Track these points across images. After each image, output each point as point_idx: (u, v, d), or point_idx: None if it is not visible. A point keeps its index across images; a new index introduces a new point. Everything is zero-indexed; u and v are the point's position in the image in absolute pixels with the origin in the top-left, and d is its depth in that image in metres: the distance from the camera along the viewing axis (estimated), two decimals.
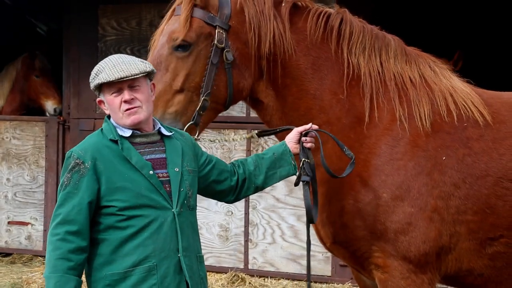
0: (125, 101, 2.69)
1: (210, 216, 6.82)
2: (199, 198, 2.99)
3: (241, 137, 3.47)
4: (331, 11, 3.29)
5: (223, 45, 3.14)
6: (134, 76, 2.68)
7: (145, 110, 2.73)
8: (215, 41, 3.13)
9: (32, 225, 7.63)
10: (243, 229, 6.80)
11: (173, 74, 3.14)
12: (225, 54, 3.14)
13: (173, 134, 2.86)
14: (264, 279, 6.66)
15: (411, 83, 3.20)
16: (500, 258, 3.06)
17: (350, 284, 6.38)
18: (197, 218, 2.88)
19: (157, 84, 3.05)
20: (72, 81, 7.47)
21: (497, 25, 9.01)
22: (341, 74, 3.21)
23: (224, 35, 3.15)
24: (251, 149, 6.72)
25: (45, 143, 7.58)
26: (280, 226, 6.73)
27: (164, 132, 2.83)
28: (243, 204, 6.77)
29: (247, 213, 6.79)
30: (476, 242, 3.04)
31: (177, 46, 3.13)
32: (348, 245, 3.16)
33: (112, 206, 2.64)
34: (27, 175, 7.66)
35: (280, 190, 6.58)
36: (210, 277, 6.63)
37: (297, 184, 3.10)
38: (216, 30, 3.14)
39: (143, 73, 2.71)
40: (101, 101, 2.79)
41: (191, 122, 3.13)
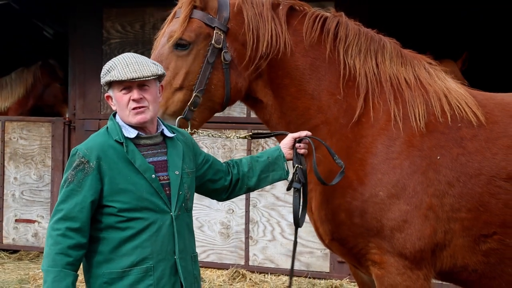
0: (134, 100, 2.72)
1: (212, 214, 6.81)
2: (201, 197, 3.03)
3: (234, 136, 3.53)
4: (328, 15, 3.33)
5: (221, 46, 3.19)
6: (146, 78, 2.70)
7: (152, 111, 2.76)
8: (213, 41, 3.18)
9: (39, 223, 7.71)
10: (244, 227, 6.84)
11: (173, 73, 3.19)
12: (223, 55, 3.20)
13: (175, 135, 2.89)
14: (264, 275, 6.69)
15: (407, 84, 3.23)
16: (494, 255, 3.09)
17: (348, 280, 6.42)
18: (199, 216, 2.94)
19: None
20: (78, 83, 7.53)
21: (500, 26, 9.01)
22: (338, 75, 3.25)
23: (222, 37, 3.20)
24: (252, 149, 6.75)
25: (51, 143, 7.66)
26: (280, 224, 6.77)
27: (167, 134, 2.86)
28: (244, 202, 6.81)
29: (248, 211, 6.83)
30: (470, 239, 3.06)
31: (176, 44, 3.18)
32: (346, 242, 3.19)
33: (113, 207, 2.67)
34: (34, 174, 7.73)
35: (280, 189, 6.60)
36: (212, 273, 6.69)
37: (289, 189, 3.18)
38: (214, 31, 3.19)
39: (155, 76, 2.72)
40: (109, 97, 2.80)
41: (181, 117, 3.17)
